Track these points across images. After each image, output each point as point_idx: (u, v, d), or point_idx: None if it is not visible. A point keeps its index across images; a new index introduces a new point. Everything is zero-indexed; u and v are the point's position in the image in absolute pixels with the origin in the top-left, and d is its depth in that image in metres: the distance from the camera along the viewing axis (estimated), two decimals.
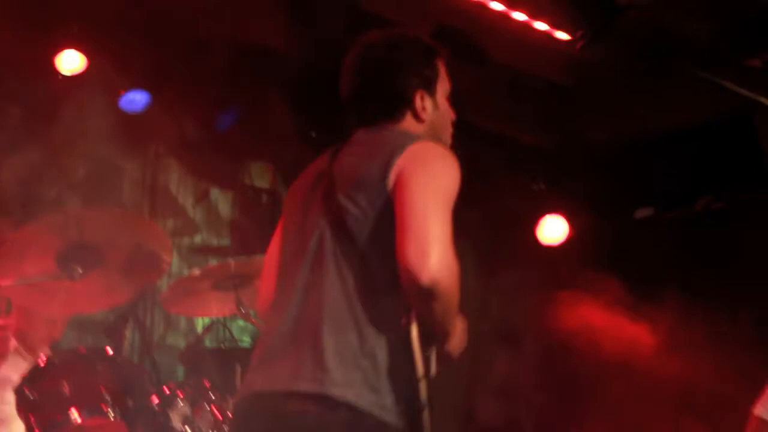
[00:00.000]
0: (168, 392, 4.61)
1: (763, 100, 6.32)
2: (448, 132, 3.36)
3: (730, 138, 6.66)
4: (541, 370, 6.65)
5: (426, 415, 2.89)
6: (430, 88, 3.29)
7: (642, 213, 6.99)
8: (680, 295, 6.39)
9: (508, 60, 6.24)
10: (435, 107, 3.30)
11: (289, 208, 3.29)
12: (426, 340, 2.93)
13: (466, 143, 6.26)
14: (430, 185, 2.92)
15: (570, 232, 6.83)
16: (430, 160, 3.01)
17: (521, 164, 6.58)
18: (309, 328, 2.94)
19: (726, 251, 6.79)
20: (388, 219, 2.91)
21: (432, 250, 2.78)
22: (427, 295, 2.80)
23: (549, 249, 6.88)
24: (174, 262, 6.30)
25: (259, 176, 7.18)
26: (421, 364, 2.87)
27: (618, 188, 6.85)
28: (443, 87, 3.34)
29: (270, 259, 3.28)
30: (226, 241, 6.99)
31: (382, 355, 2.91)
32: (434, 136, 3.23)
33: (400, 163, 2.98)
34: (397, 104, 3.25)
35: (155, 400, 4.57)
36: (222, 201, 7.08)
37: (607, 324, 6.45)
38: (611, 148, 6.69)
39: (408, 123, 3.24)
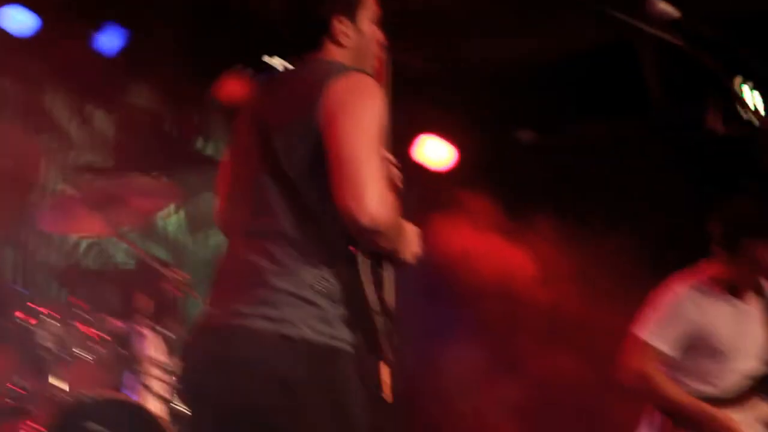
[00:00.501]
0: (40, 310, 4.58)
1: (645, 27, 6.38)
2: (373, 56, 3.30)
3: (613, 65, 6.72)
4: (416, 292, 6.69)
5: (384, 340, 3.01)
6: (350, 13, 3.23)
7: (523, 136, 7.03)
8: (558, 220, 6.46)
9: None
10: (357, 32, 3.24)
11: (234, 144, 3.29)
12: (378, 264, 3.06)
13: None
14: (356, 125, 2.95)
15: (451, 153, 6.80)
16: (354, 97, 3.01)
17: (404, 85, 6.54)
18: (263, 268, 3.00)
19: (605, 177, 6.90)
20: (323, 160, 2.95)
21: (367, 191, 2.85)
22: (370, 233, 2.89)
23: (428, 170, 6.85)
24: (53, 181, 6.21)
25: (143, 97, 7.07)
26: (373, 293, 3.00)
27: (500, 112, 6.87)
28: (368, 11, 3.28)
29: (222, 185, 3.31)
30: (106, 161, 6.90)
31: (335, 289, 2.98)
32: (359, 62, 3.21)
33: (325, 104, 2.99)
34: (316, 31, 3.21)
35: (26, 318, 4.53)
36: (104, 121, 6.98)
37: (484, 247, 6.49)
38: (495, 72, 6.69)
39: (331, 50, 3.20)
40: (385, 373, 3.10)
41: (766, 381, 4.85)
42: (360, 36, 3.24)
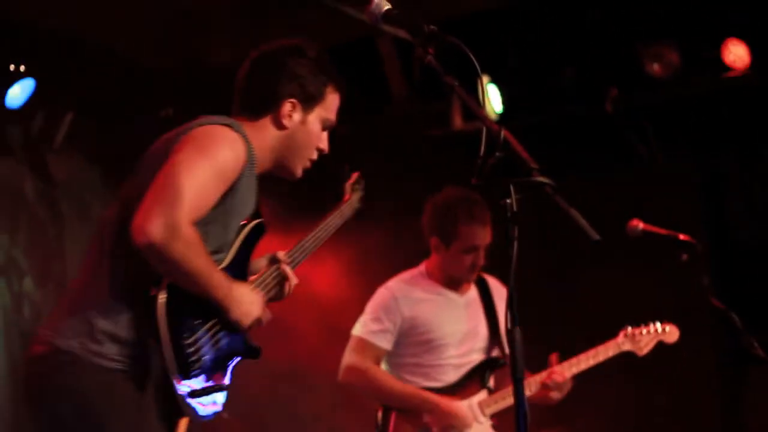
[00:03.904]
0: None
1: (384, 26, 6.47)
2: (306, 154, 3.41)
3: (354, 62, 6.78)
4: None
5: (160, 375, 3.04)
6: (306, 104, 3.37)
7: None
8: (309, 218, 6.40)
9: None
10: (302, 122, 3.36)
11: None
12: (192, 310, 3.08)
13: (84, 67, 6.10)
14: (187, 159, 3.03)
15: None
16: (201, 137, 3.11)
17: (145, 89, 6.40)
18: (69, 289, 3.30)
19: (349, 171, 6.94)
20: None
21: (157, 214, 2.92)
22: (148, 254, 2.95)
23: None
24: None
25: None
26: (167, 331, 3.00)
27: None
28: (323, 113, 3.41)
29: None
30: None
31: (122, 316, 3.06)
32: (288, 150, 3.36)
33: (178, 141, 3.11)
34: (265, 101, 3.35)
35: None
36: None
37: None
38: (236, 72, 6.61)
39: (265, 123, 3.33)
40: (183, 424, 3.17)
41: (484, 369, 5.01)
42: (302, 127, 3.37)
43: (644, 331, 5.19)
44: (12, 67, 5.97)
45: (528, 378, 4.88)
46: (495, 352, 5.04)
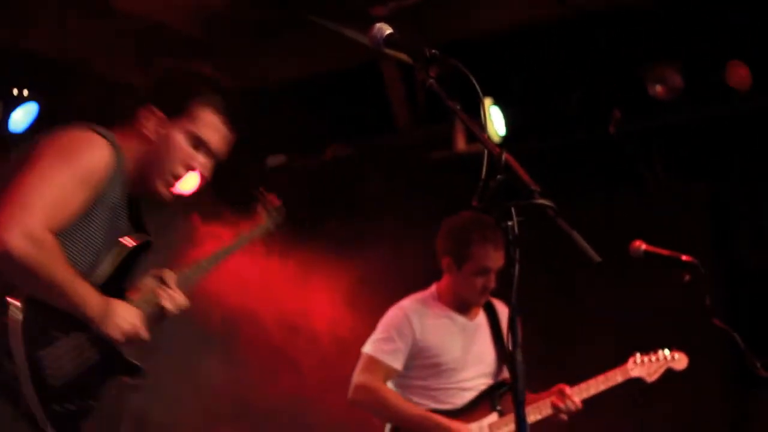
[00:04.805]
0: None
1: (386, 50, 6.47)
2: (166, 168, 3.21)
3: (358, 85, 6.82)
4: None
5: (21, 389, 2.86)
6: (169, 114, 3.18)
7: (274, 161, 7.02)
8: (313, 240, 6.45)
9: (133, 10, 6.06)
10: (165, 133, 3.18)
11: None
12: (52, 321, 2.93)
13: (87, 91, 6.12)
14: (44, 163, 2.92)
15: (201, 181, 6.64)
16: (61, 141, 2.99)
17: None
18: None
19: (353, 195, 6.98)
20: None
21: (8, 221, 2.80)
22: (1, 263, 2.80)
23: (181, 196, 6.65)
24: None
25: None
26: (20, 341, 2.85)
27: (250, 137, 6.81)
28: (191, 129, 3.21)
29: None
30: None
31: None
32: (149, 162, 3.17)
33: (38, 144, 2.98)
34: (129, 106, 3.19)
35: None
36: None
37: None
38: (242, 97, 6.63)
39: (131, 131, 3.17)
40: None
41: (494, 392, 5.01)
42: (164, 139, 3.18)
43: (653, 358, 5.19)
44: (15, 92, 5.98)
45: (537, 401, 4.89)
46: (503, 376, 5.04)
